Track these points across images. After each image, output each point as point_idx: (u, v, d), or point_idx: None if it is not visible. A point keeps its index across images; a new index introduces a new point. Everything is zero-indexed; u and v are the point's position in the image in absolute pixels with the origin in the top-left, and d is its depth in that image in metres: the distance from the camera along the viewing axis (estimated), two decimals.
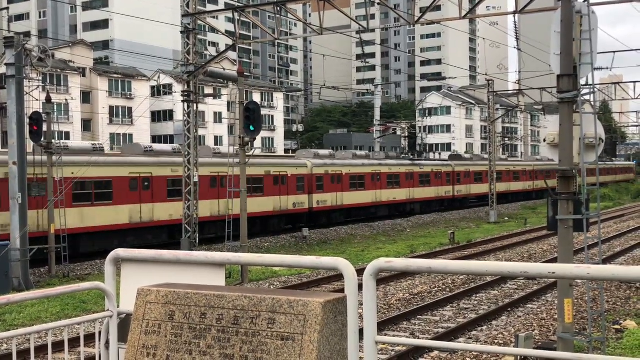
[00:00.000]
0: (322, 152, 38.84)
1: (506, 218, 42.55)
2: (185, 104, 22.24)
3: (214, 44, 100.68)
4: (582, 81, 10.04)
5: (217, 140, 73.66)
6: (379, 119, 62.15)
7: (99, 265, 22.59)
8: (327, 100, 61.25)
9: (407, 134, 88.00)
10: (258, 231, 31.11)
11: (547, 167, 58.92)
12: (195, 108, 22.20)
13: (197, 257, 3.69)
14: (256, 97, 75.94)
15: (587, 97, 10.53)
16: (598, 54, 10.19)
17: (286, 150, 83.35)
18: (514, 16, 17.83)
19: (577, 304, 14.94)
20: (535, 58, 43.64)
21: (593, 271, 2.72)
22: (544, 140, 10.68)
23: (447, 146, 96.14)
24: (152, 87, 67.15)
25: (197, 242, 22.32)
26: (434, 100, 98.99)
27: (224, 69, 24.22)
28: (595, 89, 10.20)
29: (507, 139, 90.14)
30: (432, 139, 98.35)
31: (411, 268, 3.07)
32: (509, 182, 54.88)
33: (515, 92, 61.92)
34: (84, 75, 63.68)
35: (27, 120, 20.13)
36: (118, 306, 3.86)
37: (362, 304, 3.13)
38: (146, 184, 25.61)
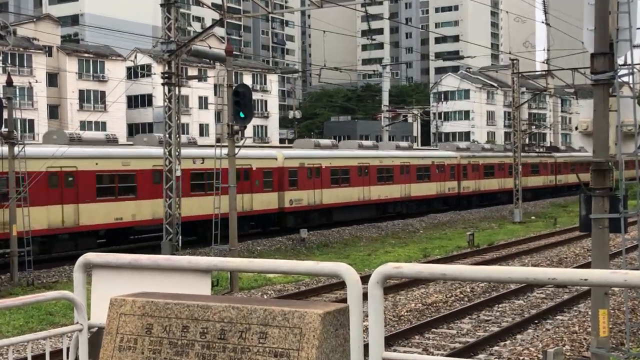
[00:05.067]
0: (463, 144, 54.54)
1: (533, 217, 42.57)
2: (166, 88, 22.22)
3: (198, 19, 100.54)
4: (620, 60, 10.03)
5: (203, 128, 73.69)
6: (387, 104, 62.12)
7: (68, 272, 22.61)
8: (328, 83, 61.20)
9: (419, 121, 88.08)
10: (424, 211, 41.74)
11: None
12: (177, 92, 22.19)
13: (179, 263, 3.69)
14: (247, 80, 75.92)
15: (625, 79, 10.52)
16: (638, 29, 10.17)
17: (281, 140, 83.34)
18: None
19: (613, 314, 14.96)
20: (566, 34, 43.57)
21: (631, 277, 2.72)
22: (576, 128, 10.68)
23: (466, 135, 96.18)
24: (128, 68, 67.12)
25: (180, 245, 22.34)
26: (450, 82, 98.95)
27: (210, 47, 24.22)
28: (635, 69, 10.19)
29: (534, 127, 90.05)
30: (449, 126, 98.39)
31: (423, 274, 3.07)
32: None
33: (544, 73, 61.83)
34: (50, 55, 63.61)
35: None
36: (89, 318, 3.86)
37: (367, 316, 3.13)
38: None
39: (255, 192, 30.97)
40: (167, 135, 22.31)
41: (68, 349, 3.93)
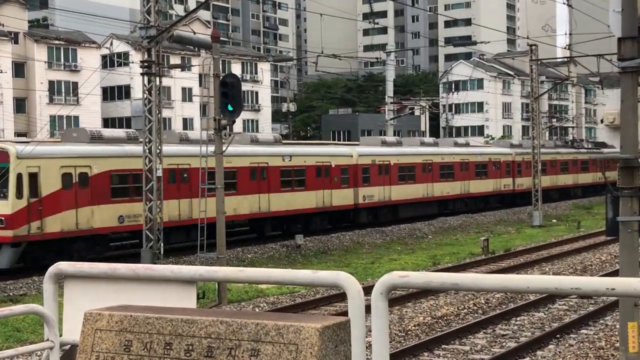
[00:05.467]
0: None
1: (554, 220, 42.63)
2: (146, 78, 22.22)
3: (181, 1, 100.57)
4: None
5: (186, 123, 73.67)
6: (391, 95, 62.13)
7: (37, 284, 22.60)
8: (326, 72, 61.22)
9: (427, 114, 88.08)
10: (481, 208, 46.53)
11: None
12: (158, 82, 22.19)
13: (161, 272, 3.69)
14: (235, 69, 75.93)
15: None
16: None
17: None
18: None
19: None
20: (591, 17, 43.63)
21: None
22: (601, 121, 10.71)
23: (479, 129, 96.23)
24: (103, 57, 67.04)
25: (162, 253, 22.35)
26: (461, 71, 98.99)
27: (195, 33, 24.23)
28: None
29: (555, 120, 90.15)
30: (460, 120, 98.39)
31: (433, 284, 3.07)
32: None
33: (565, 60, 61.85)
34: (16, 42, 63.52)
35: None
36: (60, 335, 3.86)
37: (370, 330, 3.13)
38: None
39: (334, 188, 35.69)
40: (147, 131, 22.31)
41: None
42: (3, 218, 22.79)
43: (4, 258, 23.01)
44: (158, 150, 22.42)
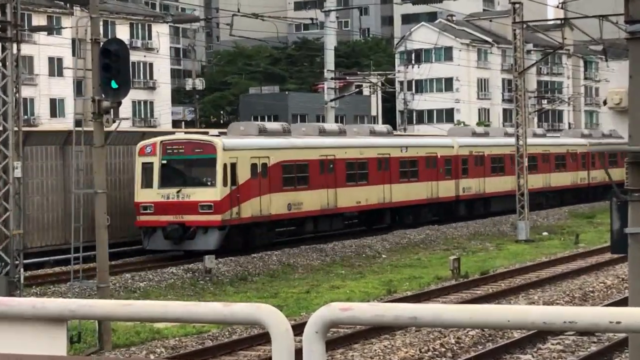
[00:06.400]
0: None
1: (545, 233, 43.10)
2: None
3: None
4: None
5: (55, 105, 72.71)
6: (332, 69, 62.30)
7: None
8: (245, 38, 61.04)
9: (380, 94, 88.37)
10: (564, 203, 56.06)
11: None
12: (15, 50, 21.86)
13: (19, 308, 3.64)
14: (122, 32, 75.26)
15: None
16: None
17: (174, 123, 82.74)
18: None
19: None
20: None
21: None
22: (604, 103, 10.87)
23: (447, 114, 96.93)
24: None
25: (22, 280, 22.01)
26: (424, 37, 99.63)
27: None
28: None
29: (545, 101, 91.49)
30: (423, 101, 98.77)
31: (385, 318, 3.08)
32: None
33: (559, 22, 62.84)
34: None
35: None
36: None
37: None
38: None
39: (439, 179, 44.75)
40: (1, 116, 21.94)
41: None
42: (212, 204, 31.74)
43: (213, 240, 31.99)
44: (21, 142, 22.07)
